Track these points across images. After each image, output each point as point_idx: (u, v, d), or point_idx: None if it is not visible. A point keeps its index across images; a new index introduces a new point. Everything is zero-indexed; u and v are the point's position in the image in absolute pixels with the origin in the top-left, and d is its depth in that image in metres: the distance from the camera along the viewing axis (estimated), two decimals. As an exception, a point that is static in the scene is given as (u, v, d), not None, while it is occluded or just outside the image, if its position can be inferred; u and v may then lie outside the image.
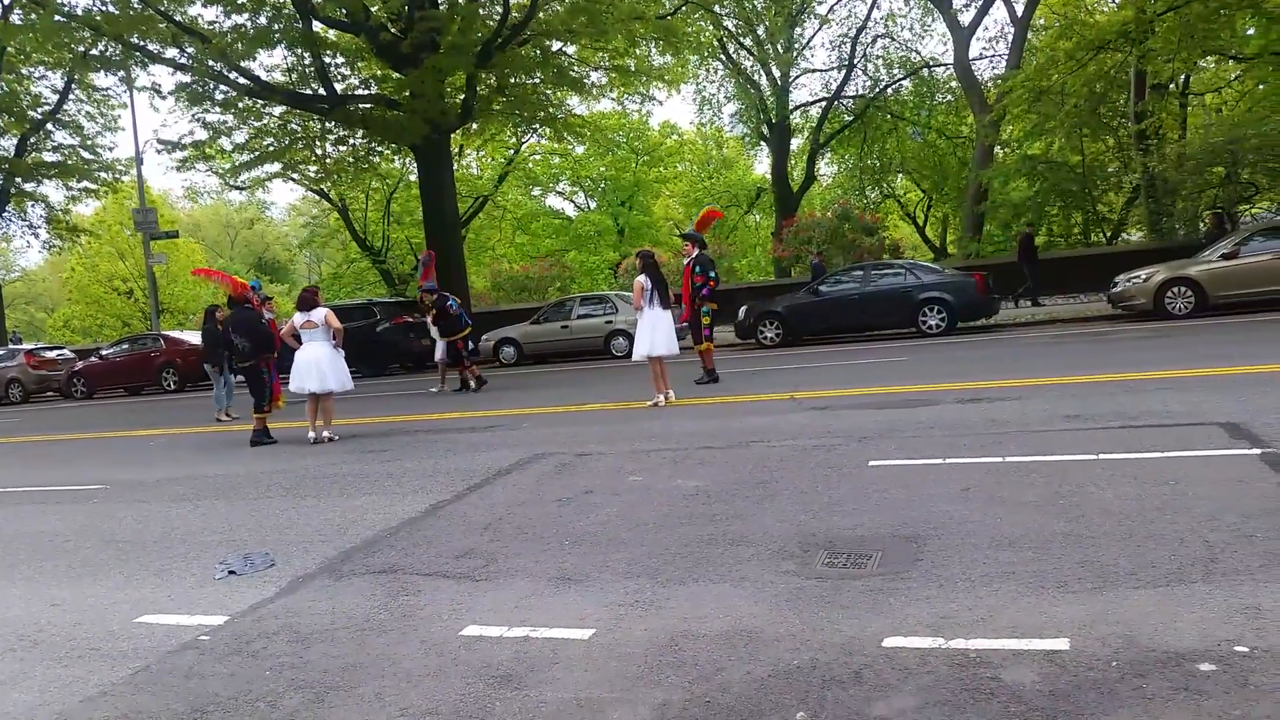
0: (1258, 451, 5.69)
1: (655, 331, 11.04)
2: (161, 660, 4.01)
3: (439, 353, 16.26)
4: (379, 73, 25.82)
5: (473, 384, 15.61)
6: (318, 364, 10.63)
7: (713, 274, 12.65)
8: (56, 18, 21.64)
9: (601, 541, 5.21)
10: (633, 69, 26.80)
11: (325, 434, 10.75)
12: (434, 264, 18.08)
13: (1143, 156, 25.42)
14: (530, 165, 46.24)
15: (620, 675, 3.40)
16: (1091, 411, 7.67)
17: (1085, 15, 30.28)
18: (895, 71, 37.88)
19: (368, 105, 25.07)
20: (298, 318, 10.95)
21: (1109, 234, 31.01)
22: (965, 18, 32.61)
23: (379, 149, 29.22)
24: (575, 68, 26.17)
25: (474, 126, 28.02)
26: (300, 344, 10.86)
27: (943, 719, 2.84)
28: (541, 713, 3.16)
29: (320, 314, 10.86)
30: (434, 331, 16.18)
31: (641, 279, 11.23)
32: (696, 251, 12.59)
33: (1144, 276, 16.41)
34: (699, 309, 12.51)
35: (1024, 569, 4.07)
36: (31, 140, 32.87)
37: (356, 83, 27.02)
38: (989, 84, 32.99)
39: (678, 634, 3.74)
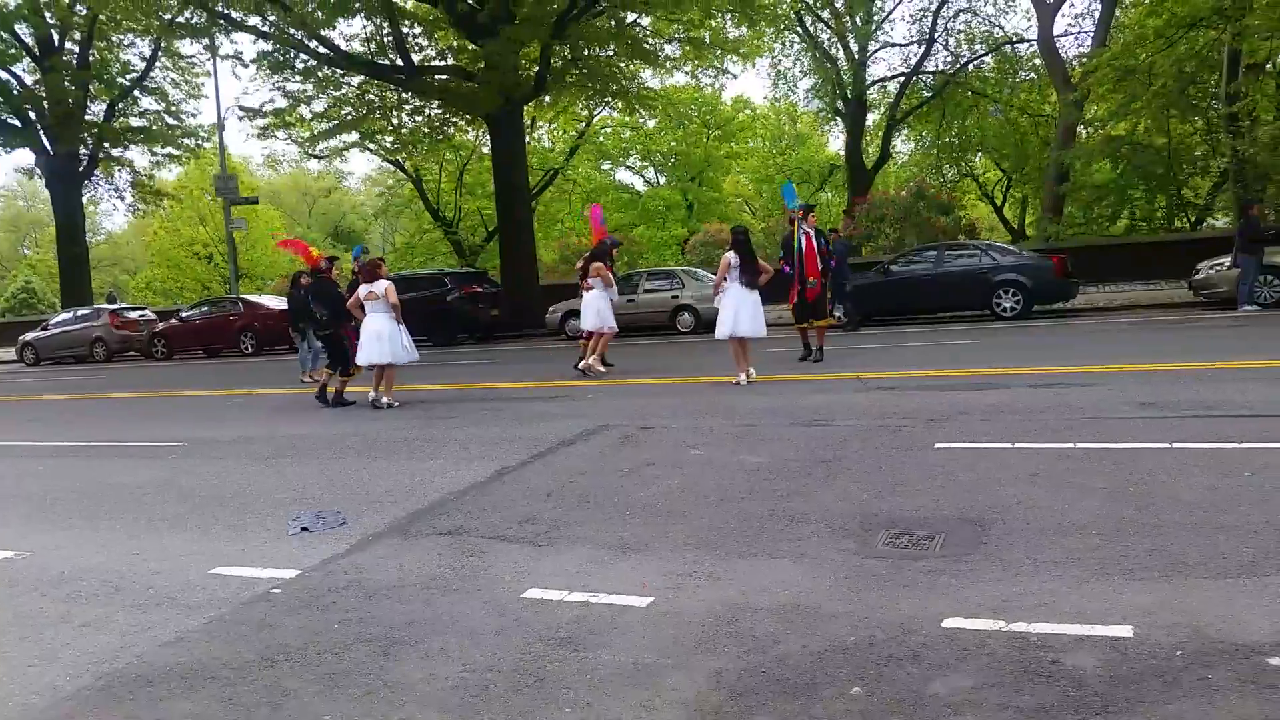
0: (1343, 446, 5.51)
1: (739, 311, 10.58)
2: (235, 610, 4.15)
3: (592, 321, 12.73)
4: (455, 44, 26.04)
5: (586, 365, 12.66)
6: (379, 337, 10.88)
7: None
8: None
9: (662, 512, 5.25)
10: (707, 41, 26.63)
11: (384, 400, 10.98)
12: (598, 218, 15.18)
13: (1233, 140, 24.47)
14: (601, 139, 46.28)
15: (677, 643, 3.44)
16: (1167, 400, 7.48)
17: (1178, -9, 29.16)
18: (977, 47, 36.77)
19: (444, 76, 25.33)
20: (362, 289, 11.15)
21: (1193, 219, 30.02)
22: (1052, -8, 31.60)
23: (453, 120, 29.49)
24: (649, 40, 26.09)
25: (547, 99, 28.09)
26: (364, 314, 11.08)
27: (1001, 700, 2.83)
28: (599, 675, 3.22)
29: (381, 286, 11.01)
30: (607, 292, 12.83)
31: (730, 255, 10.72)
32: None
33: (1228, 264, 15.89)
34: (826, 283, 12.32)
35: (1090, 555, 4.01)
36: (119, 106, 33.83)
37: (433, 54, 27.30)
38: (1074, 62, 31.97)
39: (735, 606, 3.76)
